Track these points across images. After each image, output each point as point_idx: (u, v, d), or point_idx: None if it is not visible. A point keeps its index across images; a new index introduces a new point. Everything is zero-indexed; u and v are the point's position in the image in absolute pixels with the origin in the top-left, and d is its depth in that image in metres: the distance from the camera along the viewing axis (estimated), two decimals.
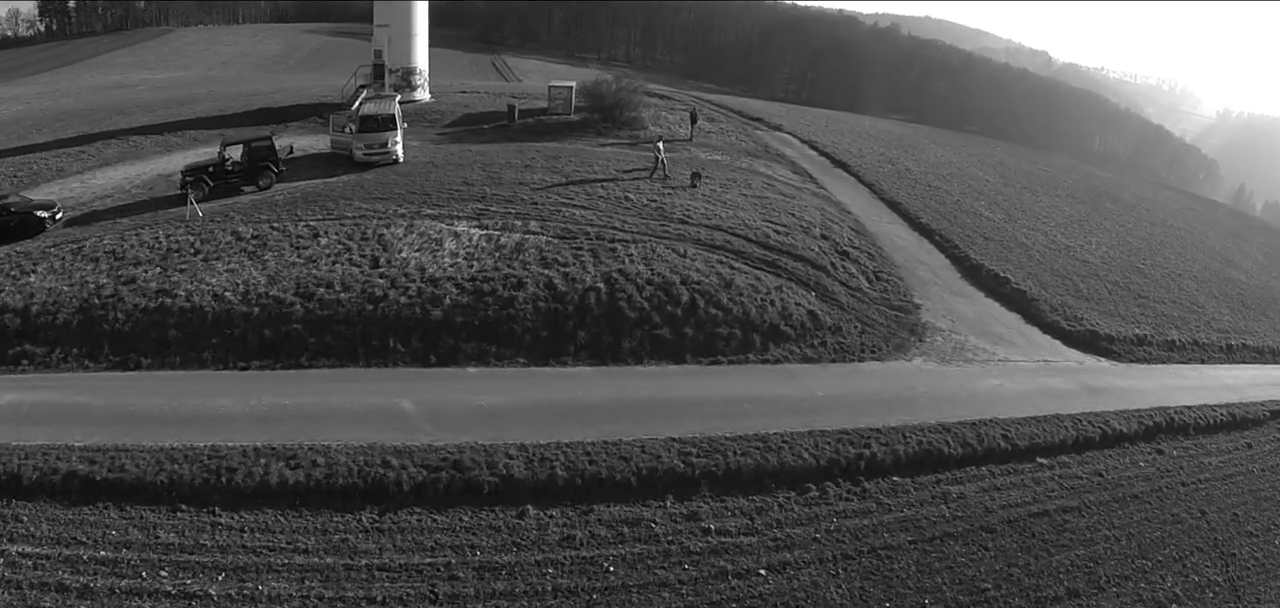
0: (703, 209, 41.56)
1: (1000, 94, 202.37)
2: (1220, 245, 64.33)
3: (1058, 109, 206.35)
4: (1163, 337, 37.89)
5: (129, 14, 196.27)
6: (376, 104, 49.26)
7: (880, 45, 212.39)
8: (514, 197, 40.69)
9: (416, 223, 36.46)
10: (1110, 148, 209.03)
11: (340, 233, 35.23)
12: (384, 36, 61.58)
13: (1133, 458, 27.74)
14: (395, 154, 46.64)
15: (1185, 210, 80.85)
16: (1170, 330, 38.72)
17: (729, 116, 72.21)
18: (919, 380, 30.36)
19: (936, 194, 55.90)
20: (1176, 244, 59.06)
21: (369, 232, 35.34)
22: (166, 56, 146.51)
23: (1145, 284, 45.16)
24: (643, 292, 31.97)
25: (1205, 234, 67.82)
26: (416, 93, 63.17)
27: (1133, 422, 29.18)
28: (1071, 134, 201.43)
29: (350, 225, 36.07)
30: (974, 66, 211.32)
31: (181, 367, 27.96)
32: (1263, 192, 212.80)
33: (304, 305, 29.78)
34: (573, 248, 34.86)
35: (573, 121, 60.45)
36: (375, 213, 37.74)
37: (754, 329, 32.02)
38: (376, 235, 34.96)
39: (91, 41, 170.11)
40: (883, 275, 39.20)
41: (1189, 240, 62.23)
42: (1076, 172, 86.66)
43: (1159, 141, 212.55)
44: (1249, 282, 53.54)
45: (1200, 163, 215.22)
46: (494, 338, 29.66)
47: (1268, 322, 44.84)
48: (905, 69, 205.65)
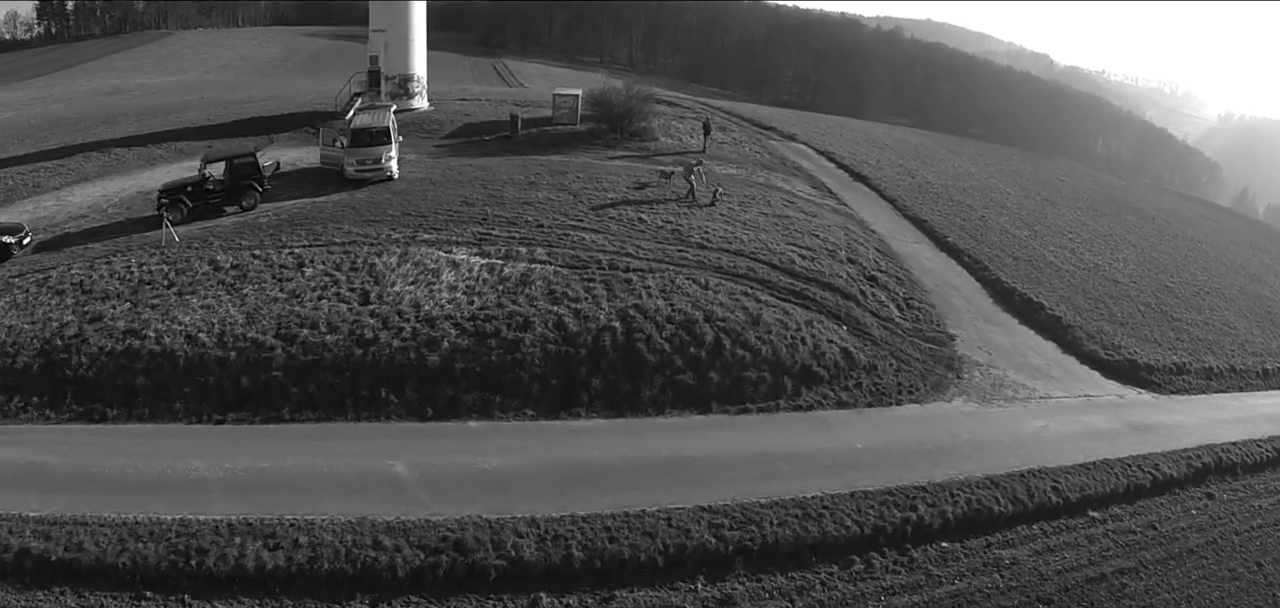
0: (722, 230, 38.87)
1: (1004, 98, 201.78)
2: (1242, 259, 62.70)
3: (1061, 113, 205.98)
4: (1200, 363, 36.27)
5: (128, 17, 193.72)
6: (370, 115, 46.38)
7: (883, 48, 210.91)
8: (518, 218, 37.83)
9: (411, 250, 33.49)
10: (1113, 151, 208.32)
11: (328, 262, 32.28)
12: (380, 42, 58.70)
13: (1184, 505, 26.07)
14: (390, 170, 43.57)
15: (1202, 220, 79.12)
16: (1206, 356, 37.13)
17: (741, 125, 69.38)
18: (961, 426, 28.04)
19: (960, 210, 53.70)
20: (1201, 258, 57.44)
21: (359, 260, 32.40)
22: (164, 60, 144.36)
23: (1176, 304, 43.38)
24: (663, 331, 29.05)
25: (1226, 247, 65.96)
26: (414, 101, 60.23)
27: (1181, 464, 27.48)
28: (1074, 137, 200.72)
29: (339, 253, 33.10)
30: (978, 70, 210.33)
31: (151, 418, 25.04)
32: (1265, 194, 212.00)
33: (286, 350, 26.79)
34: (584, 279, 31.93)
35: (579, 132, 57.49)
36: (366, 238, 34.77)
37: (785, 372, 29.25)
38: (367, 265, 32.00)
39: (90, 45, 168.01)
40: (914, 303, 36.88)
41: (1212, 255, 60.41)
42: (1093, 181, 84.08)
43: (1161, 145, 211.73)
44: (1276, 298, 51.85)
45: (1203, 166, 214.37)
46: (498, 386, 26.69)
47: None
48: (909, 72, 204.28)
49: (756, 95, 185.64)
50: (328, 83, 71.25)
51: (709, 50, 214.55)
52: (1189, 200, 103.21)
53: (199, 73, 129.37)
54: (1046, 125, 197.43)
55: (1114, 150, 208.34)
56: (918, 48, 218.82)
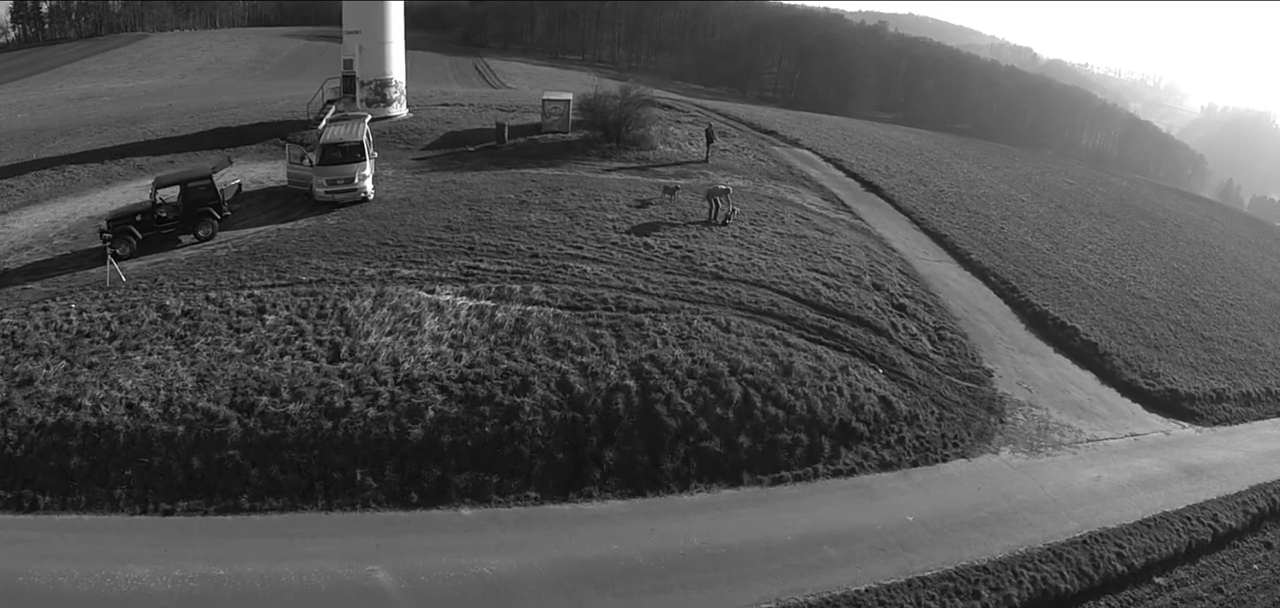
0: (738, 256, 35.34)
1: (990, 92, 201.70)
2: (1255, 265, 61.01)
3: (1047, 106, 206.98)
4: (1238, 388, 34.15)
5: (103, 19, 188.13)
6: (342, 128, 42.24)
7: (868, 43, 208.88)
8: (509, 246, 33.97)
9: (388, 290, 29.43)
10: (1099, 144, 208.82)
11: (292, 306, 28.15)
12: (354, 44, 54.48)
13: (1246, 561, 24.09)
14: (364, 191, 39.46)
15: (1208, 222, 76.75)
16: (1242, 379, 35.11)
17: (741, 129, 65.82)
18: (1013, 484, 25.18)
19: (978, 222, 50.61)
20: (1217, 266, 55.48)
21: (328, 304, 28.29)
22: (139, 63, 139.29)
23: (1204, 321, 41.25)
24: (683, 388, 25.24)
25: (1238, 252, 63.99)
26: (392, 107, 56.06)
27: (1237, 511, 25.55)
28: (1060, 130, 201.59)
29: (305, 296, 28.98)
30: (964, 65, 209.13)
31: (88, 507, 20.95)
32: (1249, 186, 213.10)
33: (242, 423, 22.67)
34: (588, 324, 28.07)
35: (571, 140, 53.55)
36: (337, 275, 30.76)
37: (822, 430, 25.64)
38: (337, 310, 27.89)
39: (65, 48, 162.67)
40: (946, 334, 33.66)
41: (1227, 261, 58.69)
42: (1100, 183, 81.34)
43: (1147, 137, 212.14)
44: None
45: (1188, 158, 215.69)
46: (494, 464, 22.72)
47: None
48: (893, 67, 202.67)
49: (741, 93, 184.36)
50: (305, 86, 66.80)
51: (692, 48, 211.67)
52: (1188, 199, 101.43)
53: (174, 76, 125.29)
54: (1032, 119, 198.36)
55: (1099, 143, 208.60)
56: (902, 43, 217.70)
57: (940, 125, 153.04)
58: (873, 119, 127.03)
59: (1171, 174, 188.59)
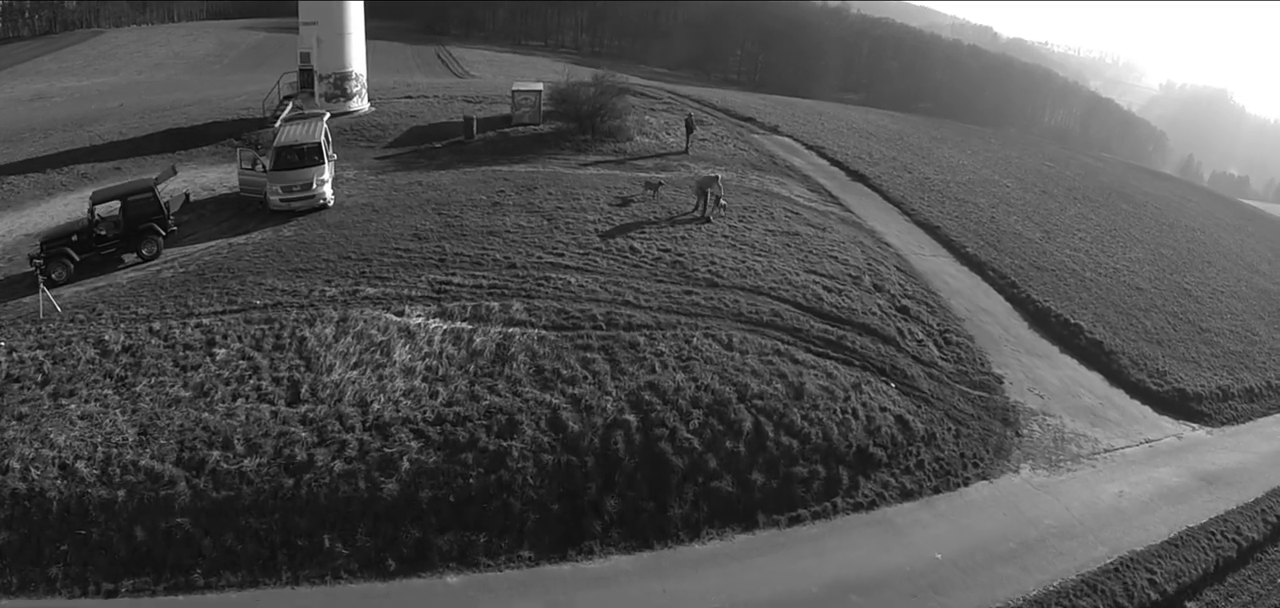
0: (731, 258, 32.97)
1: (953, 72, 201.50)
2: (1236, 247, 60.75)
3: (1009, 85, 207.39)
4: (1240, 383, 33.75)
5: (57, 16, 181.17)
6: (298, 127, 39.01)
7: (832, 24, 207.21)
8: (483, 255, 31.17)
9: (352, 314, 26.36)
10: (1061, 122, 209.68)
11: (245, 337, 25.03)
12: (312, 36, 51.02)
13: (1270, 574, 23.35)
14: (323, 197, 36.18)
15: (1183, 203, 76.13)
16: (1242, 372, 34.78)
17: (717, 117, 63.13)
18: (1038, 507, 23.78)
19: (967, 211, 48.83)
20: (1201, 250, 54.92)
21: (286, 333, 25.17)
22: (95, 61, 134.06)
23: (1199, 311, 40.72)
24: (689, 421, 22.72)
25: (1218, 234, 63.47)
26: (352, 102, 52.78)
27: (1258, 521, 24.88)
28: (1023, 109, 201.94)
29: (259, 324, 25.87)
30: (928, 45, 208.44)
31: (20, 590, 18.02)
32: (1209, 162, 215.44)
33: (191, 483, 19.68)
34: (578, 346, 25.36)
35: (543, 133, 50.61)
36: (294, 297, 27.61)
37: (839, 460, 23.43)
38: (296, 340, 24.78)
39: (19, 47, 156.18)
40: (951, 337, 31.91)
41: (1209, 244, 58.19)
42: (1078, 165, 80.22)
43: (1108, 115, 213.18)
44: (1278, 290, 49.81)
45: (1149, 135, 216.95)
46: (481, 522, 19.98)
47: None
48: (857, 48, 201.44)
49: (705, 76, 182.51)
50: (264, 80, 62.65)
51: (655, 32, 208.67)
52: (1156, 177, 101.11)
53: (130, 73, 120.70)
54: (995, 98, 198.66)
55: (1061, 121, 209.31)
56: (865, 24, 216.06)
57: (904, 105, 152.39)
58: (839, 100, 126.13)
59: (1133, 151, 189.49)
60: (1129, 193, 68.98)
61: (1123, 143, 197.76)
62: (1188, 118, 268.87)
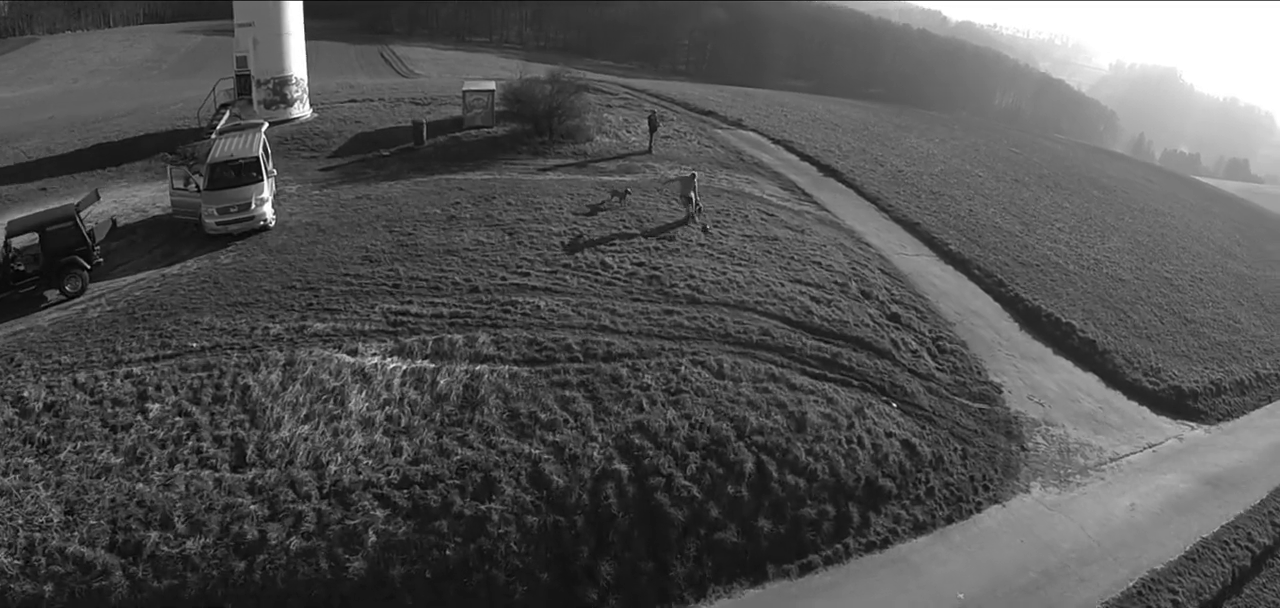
0: (710, 271, 30.64)
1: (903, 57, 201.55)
2: (1205, 230, 60.73)
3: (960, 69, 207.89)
4: (1230, 376, 33.45)
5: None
6: (234, 140, 35.75)
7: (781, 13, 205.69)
8: (442, 278, 28.33)
9: (300, 355, 23.24)
10: (1012, 104, 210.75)
11: (182, 389, 21.77)
12: (248, 38, 47.53)
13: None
14: (263, 218, 32.92)
15: (1146, 185, 76.13)
16: (1231, 364, 34.60)
17: (675, 110, 60.93)
18: (1055, 531, 22.41)
19: (943, 204, 47.34)
20: (1174, 236, 54.61)
21: (226, 382, 22.03)
22: (28, 70, 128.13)
23: (1182, 301, 40.42)
24: (685, 466, 20.28)
25: (1187, 218, 63.37)
26: (293, 109, 49.42)
27: (1266, 525, 24.27)
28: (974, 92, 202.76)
29: (197, 372, 22.59)
30: (878, 31, 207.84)
31: None
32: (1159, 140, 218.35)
33: (128, 571, 16.61)
34: (555, 384, 22.71)
35: (498, 136, 47.77)
36: (235, 338, 24.37)
37: (848, 495, 21.33)
38: (238, 390, 21.67)
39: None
40: (944, 344, 30.34)
41: (1180, 228, 58.00)
42: (1041, 150, 79.70)
43: (1059, 96, 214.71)
44: (1253, 274, 50.31)
45: (1100, 114, 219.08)
46: (462, 600, 17.24)
47: None
48: (808, 36, 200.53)
49: (653, 68, 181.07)
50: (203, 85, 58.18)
51: (602, 23, 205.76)
52: (1120, 160, 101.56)
53: (65, 81, 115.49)
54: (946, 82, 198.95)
55: (1013, 103, 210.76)
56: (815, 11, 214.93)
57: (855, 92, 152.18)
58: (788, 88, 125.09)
59: (1084, 131, 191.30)
60: (1096, 178, 68.41)
61: (1074, 123, 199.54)
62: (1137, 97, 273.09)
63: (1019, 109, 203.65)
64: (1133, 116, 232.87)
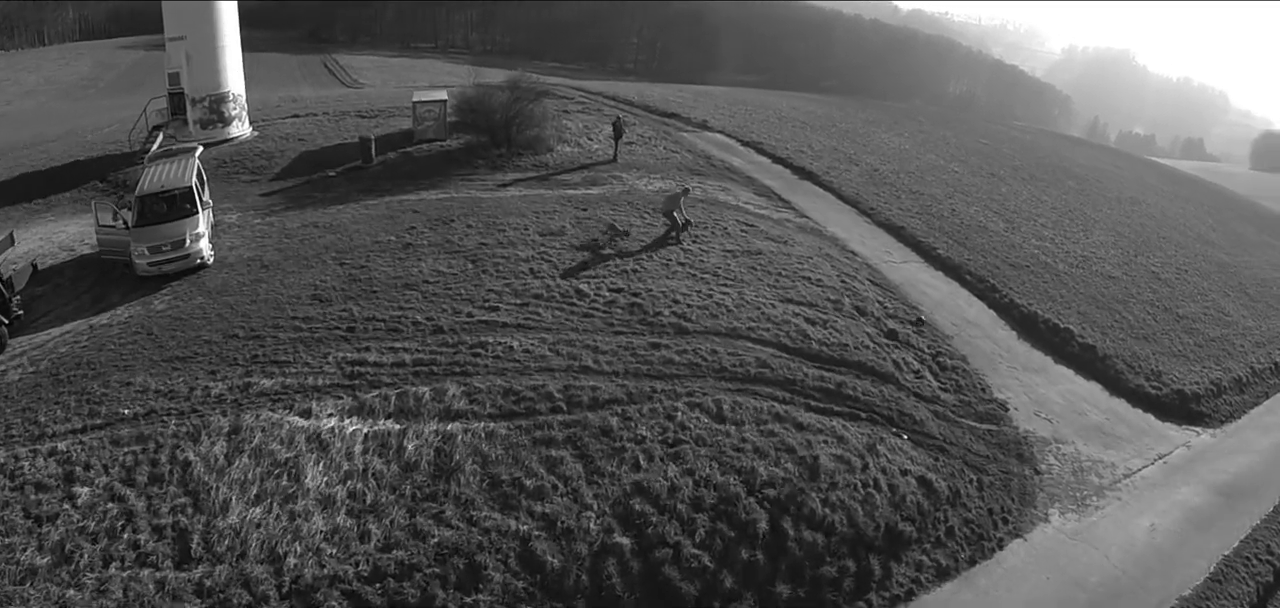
0: (695, 294, 28.24)
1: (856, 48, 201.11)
2: (1182, 216, 60.56)
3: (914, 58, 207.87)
4: (1228, 374, 32.78)
5: None
6: (165, 168, 32.45)
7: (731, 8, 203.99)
8: (401, 318, 25.50)
9: (246, 420, 20.09)
10: (967, 92, 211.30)
11: (114, 468, 18.53)
12: (180, 53, 43.98)
13: None
14: (199, 254, 29.69)
15: (1116, 172, 75.50)
16: (1227, 361, 33.98)
17: (635, 113, 58.42)
18: (1079, 562, 21.08)
19: (925, 204, 45.70)
20: (1152, 225, 53.92)
21: (164, 457, 18.82)
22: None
23: (1172, 296, 39.65)
24: (693, 531, 17.92)
25: (1163, 205, 62.88)
26: (231, 127, 46.07)
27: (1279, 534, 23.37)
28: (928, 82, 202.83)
29: (130, 446, 19.29)
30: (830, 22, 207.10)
31: None
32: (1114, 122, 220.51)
33: None
34: (538, 441, 19.98)
35: (451, 150, 44.78)
36: (173, 401, 21.11)
37: (867, 546, 19.30)
38: (179, 466, 18.51)
39: None
40: (944, 360, 28.66)
41: (1157, 216, 57.48)
42: (1010, 140, 78.93)
43: (1015, 81, 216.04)
44: (1234, 262, 50.00)
45: (1055, 99, 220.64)
46: None
47: (1277, 314, 41.66)
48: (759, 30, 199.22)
49: (601, 67, 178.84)
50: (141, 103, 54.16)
51: (549, 24, 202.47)
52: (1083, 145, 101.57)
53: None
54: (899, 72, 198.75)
55: (968, 91, 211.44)
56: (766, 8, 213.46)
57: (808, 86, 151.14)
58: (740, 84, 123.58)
59: (1040, 116, 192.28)
60: (1068, 167, 67.68)
61: (1029, 109, 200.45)
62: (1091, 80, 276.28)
63: (974, 96, 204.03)
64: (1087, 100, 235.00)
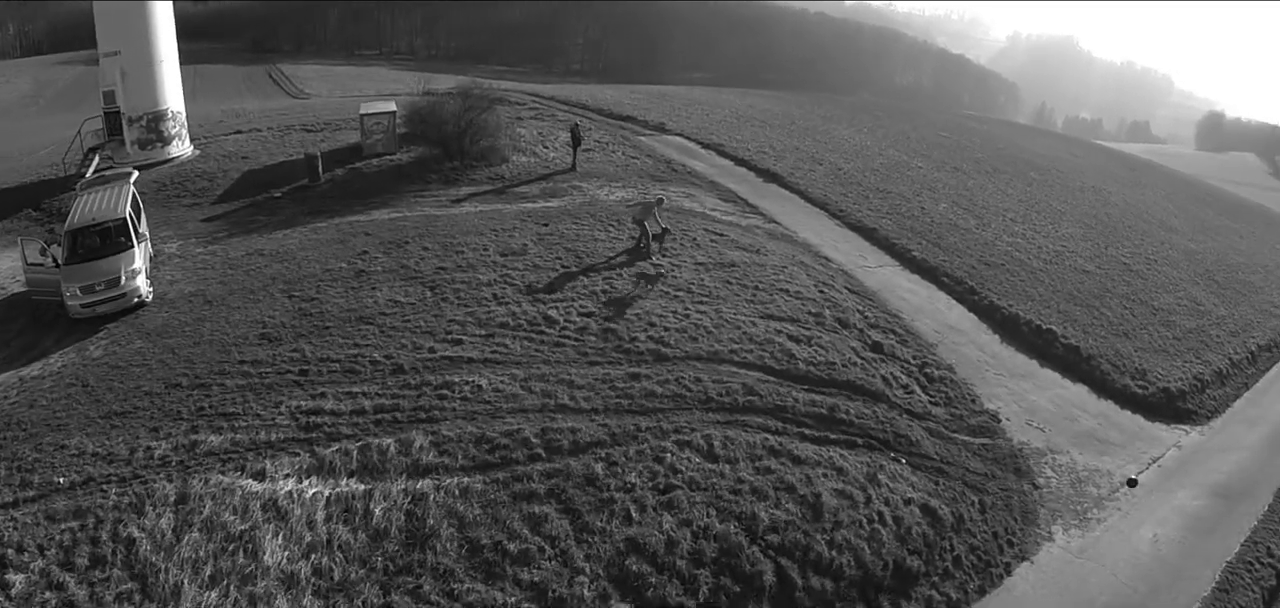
0: (671, 315, 26.66)
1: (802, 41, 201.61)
2: (1142, 204, 61.07)
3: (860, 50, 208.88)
4: (1209, 367, 32.73)
5: None
6: (97, 198, 30.00)
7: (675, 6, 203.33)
8: (357, 357, 23.45)
9: (194, 485, 17.80)
10: (914, 82, 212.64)
11: (51, 548, 16.19)
12: (114, 69, 41.19)
13: None
14: (137, 292, 27.35)
15: (1073, 160, 75.69)
16: (1206, 352, 34.00)
17: (590, 117, 56.75)
18: (1088, 582, 20.21)
19: (893, 202, 44.90)
20: (1119, 216, 53.98)
21: (105, 535, 16.48)
22: None
23: (1145, 287, 39.67)
24: (696, 590, 16.37)
25: (1123, 193, 63.05)
26: (171, 146, 43.53)
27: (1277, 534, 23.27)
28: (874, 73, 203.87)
29: (67, 520, 16.90)
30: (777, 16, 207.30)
31: None
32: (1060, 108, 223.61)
33: None
34: (518, 496, 18.15)
35: (402, 164, 42.65)
36: (111, 466, 18.68)
37: (877, 587, 18.13)
38: (122, 545, 16.22)
39: None
40: (931, 371, 27.58)
41: (1123, 207, 57.39)
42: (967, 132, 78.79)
43: (961, 70, 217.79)
44: (1199, 249, 50.28)
45: (1001, 86, 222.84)
46: None
47: (1246, 300, 42.15)
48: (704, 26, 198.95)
49: (548, 69, 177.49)
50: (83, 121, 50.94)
51: (494, 28, 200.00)
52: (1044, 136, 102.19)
53: None
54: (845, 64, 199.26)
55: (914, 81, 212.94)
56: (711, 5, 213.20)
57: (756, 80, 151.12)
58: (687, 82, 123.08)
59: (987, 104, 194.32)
60: (1030, 158, 67.74)
61: (975, 98, 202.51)
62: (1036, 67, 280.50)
63: (920, 86, 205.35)
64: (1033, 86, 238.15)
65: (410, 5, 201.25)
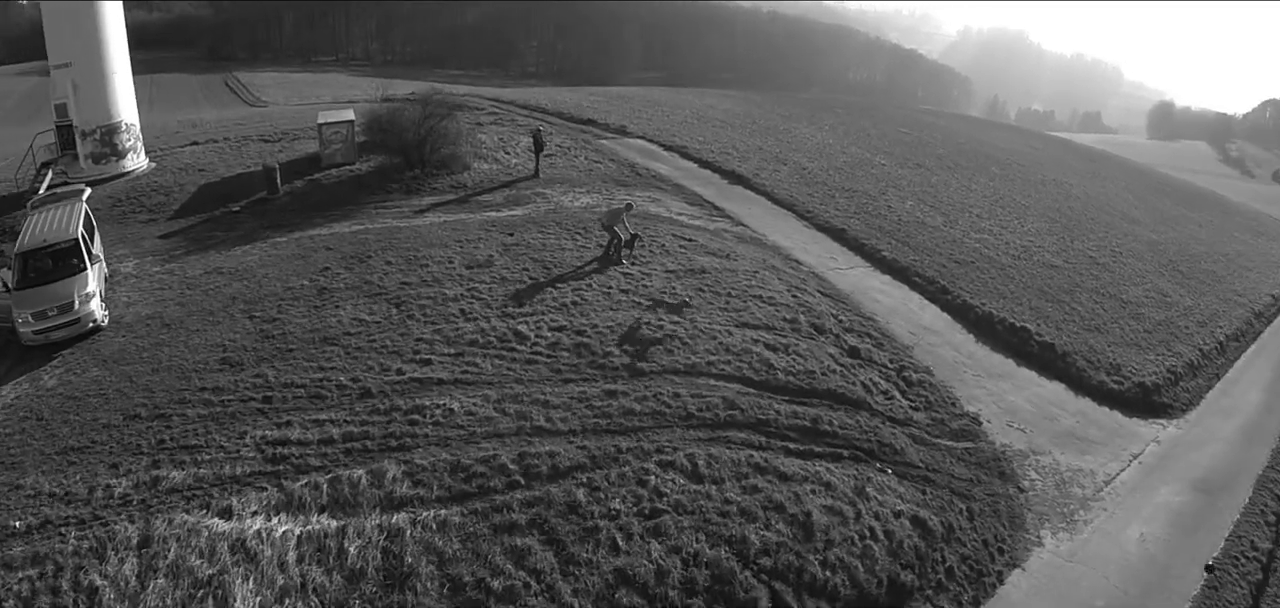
0: (645, 325, 26.22)
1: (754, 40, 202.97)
2: (1103, 196, 61.77)
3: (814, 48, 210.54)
4: (1181, 359, 32.83)
5: None
6: (48, 218, 28.85)
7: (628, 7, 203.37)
8: (323, 381, 22.48)
9: (158, 526, 16.66)
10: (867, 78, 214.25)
11: (10, 601, 15.03)
12: (66, 81, 39.65)
13: None
14: (91, 317, 26.13)
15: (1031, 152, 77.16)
16: (1176, 344, 34.15)
17: (550, 121, 56.00)
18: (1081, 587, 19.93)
19: (859, 201, 44.89)
20: (1081, 208, 54.67)
21: (65, 584, 15.33)
22: None
23: (1113, 280, 40.08)
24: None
25: (1083, 186, 63.78)
26: (126, 160, 42.06)
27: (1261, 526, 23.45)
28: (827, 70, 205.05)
29: (25, 569, 15.75)
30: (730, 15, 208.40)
31: None
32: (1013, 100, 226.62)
33: None
34: (498, 528, 17.25)
35: (361, 174, 41.59)
36: (70, 508, 17.55)
37: (872, 604, 17.65)
38: (83, 595, 15.10)
39: None
40: (909, 374, 27.29)
41: (1086, 200, 58.11)
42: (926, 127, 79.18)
43: (913, 65, 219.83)
44: (1161, 239, 51.22)
45: (954, 80, 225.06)
46: None
47: (1210, 290, 42.75)
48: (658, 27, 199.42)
49: (504, 72, 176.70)
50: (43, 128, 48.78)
51: (449, 32, 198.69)
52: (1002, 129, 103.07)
53: None
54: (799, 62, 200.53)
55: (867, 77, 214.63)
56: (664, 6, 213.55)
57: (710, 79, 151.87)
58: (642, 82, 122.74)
59: (940, 98, 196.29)
60: (990, 152, 68.36)
61: (929, 92, 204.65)
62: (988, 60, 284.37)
63: (873, 82, 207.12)
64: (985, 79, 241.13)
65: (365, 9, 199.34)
